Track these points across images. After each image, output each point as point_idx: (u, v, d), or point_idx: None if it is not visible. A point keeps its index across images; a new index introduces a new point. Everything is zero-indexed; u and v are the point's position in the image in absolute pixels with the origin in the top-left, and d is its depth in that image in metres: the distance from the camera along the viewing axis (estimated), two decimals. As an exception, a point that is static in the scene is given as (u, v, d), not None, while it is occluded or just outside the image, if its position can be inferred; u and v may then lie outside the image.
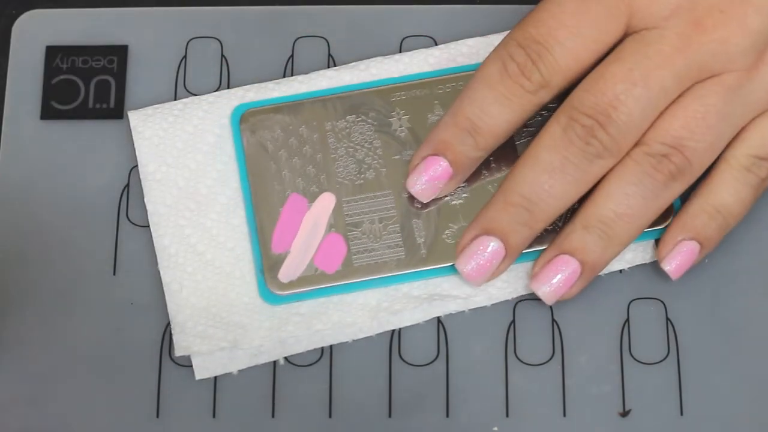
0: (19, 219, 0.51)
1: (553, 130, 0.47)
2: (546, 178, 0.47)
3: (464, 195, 0.50)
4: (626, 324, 0.49)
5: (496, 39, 0.53)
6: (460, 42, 0.53)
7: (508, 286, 0.50)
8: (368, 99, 0.52)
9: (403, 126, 0.51)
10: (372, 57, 0.53)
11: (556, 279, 0.48)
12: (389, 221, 0.50)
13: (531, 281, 0.49)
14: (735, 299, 0.50)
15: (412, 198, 0.50)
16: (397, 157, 0.51)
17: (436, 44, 0.53)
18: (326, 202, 0.50)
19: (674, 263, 0.49)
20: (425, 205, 0.50)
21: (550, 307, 0.50)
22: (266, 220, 0.50)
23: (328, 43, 0.53)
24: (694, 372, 0.49)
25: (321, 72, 0.52)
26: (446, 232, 0.50)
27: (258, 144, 0.51)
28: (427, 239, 0.50)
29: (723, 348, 0.49)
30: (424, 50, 0.53)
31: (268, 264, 0.49)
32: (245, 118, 0.51)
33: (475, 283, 0.49)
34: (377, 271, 0.49)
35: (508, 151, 0.50)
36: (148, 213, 0.50)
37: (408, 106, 0.51)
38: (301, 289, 0.49)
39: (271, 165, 0.51)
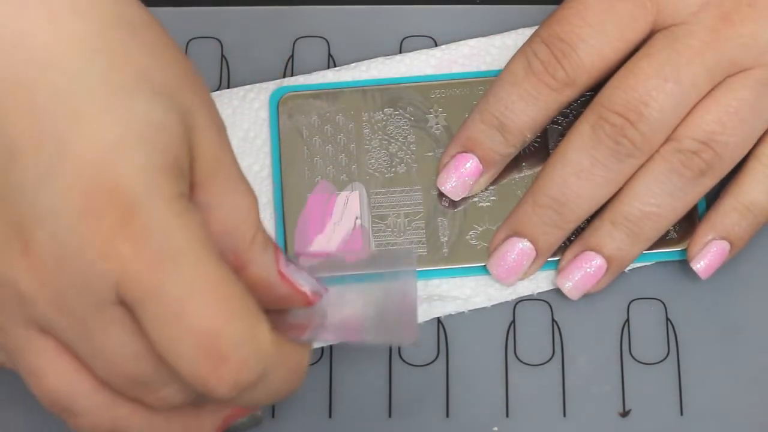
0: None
1: (582, 129, 0.47)
2: (574, 179, 0.47)
3: (492, 198, 0.50)
4: (626, 324, 0.49)
5: (497, 40, 0.53)
6: (461, 43, 0.53)
7: (507, 287, 0.49)
8: (408, 93, 0.52)
9: (440, 124, 0.51)
10: (372, 57, 0.53)
11: (581, 275, 0.48)
12: (415, 217, 0.50)
13: (556, 276, 0.49)
14: (735, 299, 0.50)
15: (440, 196, 0.50)
16: (430, 154, 0.51)
17: (437, 44, 0.53)
18: (356, 195, 0.50)
19: (704, 262, 0.48)
20: (453, 204, 0.50)
21: (550, 307, 0.50)
22: (293, 205, 0.50)
23: (328, 43, 0.53)
24: (694, 372, 0.49)
25: (321, 73, 0.52)
26: (470, 233, 0.50)
27: (293, 128, 0.51)
28: (451, 238, 0.50)
29: (723, 348, 0.49)
30: (425, 51, 0.53)
31: (291, 249, 0.49)
32: (284, 101, 0.51)
33: (506, 284, 0.49)
34: None
35: (538, 155, 0.50)
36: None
37: (447, 104, 0.51)
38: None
39: (304, 150, 0.51)
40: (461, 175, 0.49)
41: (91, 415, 0.39)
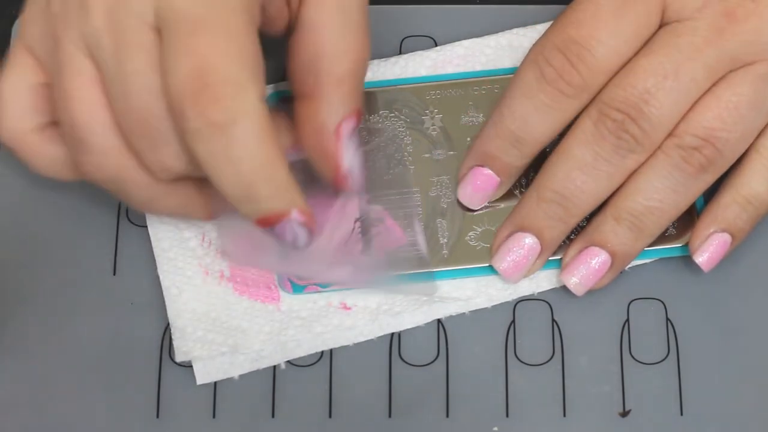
0: (20, 219, 0.51)
1: (585, 125, 0.47)
2: (578, 173, 0.47)
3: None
4: (626, 324, 0.49)
5: (492, 40, 0.53)
6: (456, 43, 0.53)
7: (507, 288, 0.50)
8: (403, 95, 0.52)
9: (436, 125, 0.51)
10: (372, 57, 0.52)
11: (586, 270, 0.48)
12: (414, 219, 0.50)
13: (561, 272, 0.49)
14: (735, 299, 0.50)
15: (438, 197, 0.50)
16: (426, 155, 0.51)
17: (436, 44, 0.53)
18: (355, 197, 0.50)
19: (706, 255, 0.49)
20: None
21: (550, 307, 0.50)
22: None
23: (328, 43, 0.53)
24: (694, 372, 0.49)
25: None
26: (470, 234, 0.50)
27: None
28: (450, 240, 0.50)
29: (723, 348, 0.49)
30: (420, 53, 0.53)
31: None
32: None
33: (512, 280, 0.49)
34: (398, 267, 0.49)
35: (537, 156, 0.50)
36: (147, 218, 0.50)
37: (442, 105, 0.51)
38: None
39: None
40: (478, 188, 0.49)
41: (100, 155, 0.43)
